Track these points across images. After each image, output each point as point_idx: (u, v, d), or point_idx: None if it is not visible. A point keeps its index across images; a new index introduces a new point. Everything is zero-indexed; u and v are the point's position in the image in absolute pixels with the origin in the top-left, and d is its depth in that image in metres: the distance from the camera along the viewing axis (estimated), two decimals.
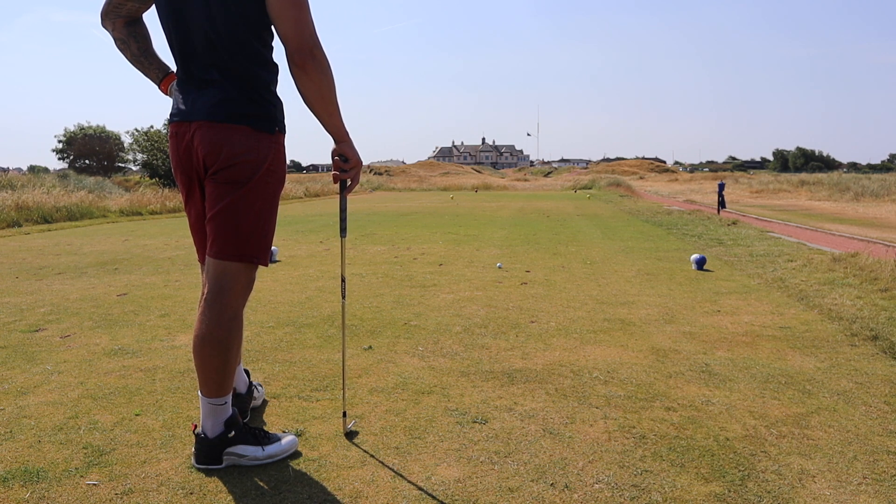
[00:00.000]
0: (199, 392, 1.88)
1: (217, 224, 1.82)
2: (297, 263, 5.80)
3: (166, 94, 2.04)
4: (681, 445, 2.00)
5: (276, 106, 1.86)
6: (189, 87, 1.84)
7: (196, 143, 1.80)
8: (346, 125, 1.86)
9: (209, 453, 1.85)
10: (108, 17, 1.95)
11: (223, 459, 1.86)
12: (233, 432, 1.86)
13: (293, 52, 1.70)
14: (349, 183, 1.95)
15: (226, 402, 1.88)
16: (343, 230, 2.05)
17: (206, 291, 1.85)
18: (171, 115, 1.91)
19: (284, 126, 1.89)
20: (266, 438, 1.92)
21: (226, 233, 1.81)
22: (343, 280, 2.14)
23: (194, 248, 2.05)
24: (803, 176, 38.97)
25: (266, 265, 1.93)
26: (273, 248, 5.99)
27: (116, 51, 2.04)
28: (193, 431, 1.88)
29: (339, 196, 2.02)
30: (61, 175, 28.50)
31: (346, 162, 1.89)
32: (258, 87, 1.81)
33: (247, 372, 2.31)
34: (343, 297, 2.11)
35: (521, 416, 2.24)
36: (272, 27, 1.77)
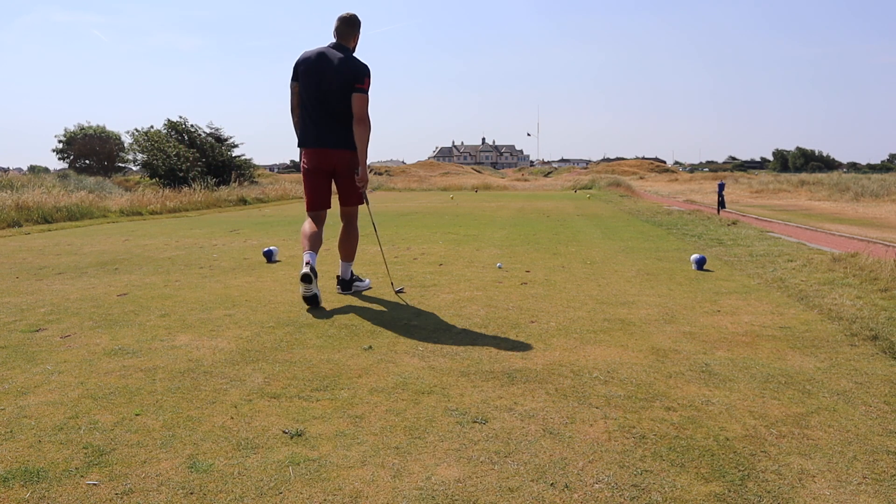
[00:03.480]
0: (340, 261, 4.38)
1: (346, 193, 4.20)
2: (297, 263, 5.80)
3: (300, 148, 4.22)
4: (681, 445, 2.00)
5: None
6: (326, 131, 4.03)
7: (334, 158, 4.09)
8: (366, 160, 4.08)
9: (347, 286, 4.36)
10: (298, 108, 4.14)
11: (352, 288, 4.38)
12: (353, 277, 4.41)
13: (356, 118, 3.97)
14: (363, 189, 4.22)
15: (351, 263, 4.37)
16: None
17: (344, 221, 4.31)
18: (309, 142, 4.08)
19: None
20: (362, 280, 4.50)
21: (350, 195, 4.20)
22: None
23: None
24: (803, 176, 38.97)
25: (363, 203, 4.26)
26: (273, 247, 6.03)
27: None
28: (337, 281, 4.42)
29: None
30: (61, 175, 28.53)
31: (357, 176, 4.12)
32: (351, 132, 4.02)
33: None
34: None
35: (521, 416, 2.24)
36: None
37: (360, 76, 3.93)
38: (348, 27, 4.07)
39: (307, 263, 3.79)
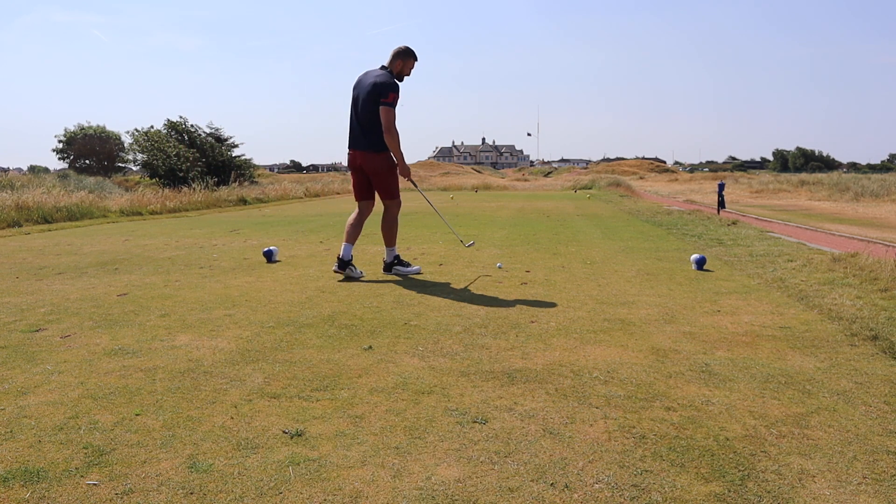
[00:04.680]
0: (385, 246, 5.16)
1: (377, 188, 5.00)
2: (297, 263, 5.80)
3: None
4: (681, 445, 2.00)
5: (385, 144, 4.75)
6: (357, 136, 4.86)
7: (359, 159, 4.88)
8: (404, 158, 4.92)
9: (388, 268, 5.10)
10: None
11: (393, 271, 5.09)
12: (396, 261, 5.10)
13: (384, 128, 4.68)
14: (408, 178, 5.04)
15: (394, 248, 5.12)
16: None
17: (384, 210, 5.10)
18: (349, 145, 4.94)
19: (388, 150, 4.78)
20: (408, 264, 5.16)
21: (379, 190, 5.01)
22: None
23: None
24: (803, 176, 38.94)
25: (395, 198, 5.08)
26: (273, 247, 6.03)
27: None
28: (386, 262, 5.16)
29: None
30: (61, 175, 28.56)
31: (401, 174, 4.99)
32: (381, 137, 4.73)
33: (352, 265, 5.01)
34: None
35: (521, 416, 2.24)
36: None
37: (385, 91, 4.62)
38: (394, 54, 4.87)
39: (338, 256, 4.98)
